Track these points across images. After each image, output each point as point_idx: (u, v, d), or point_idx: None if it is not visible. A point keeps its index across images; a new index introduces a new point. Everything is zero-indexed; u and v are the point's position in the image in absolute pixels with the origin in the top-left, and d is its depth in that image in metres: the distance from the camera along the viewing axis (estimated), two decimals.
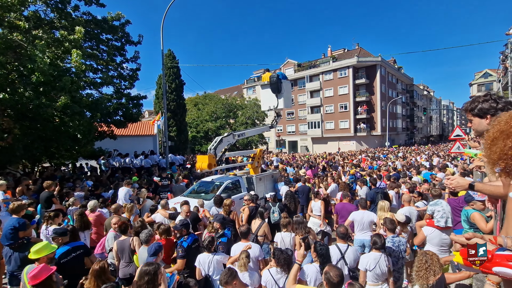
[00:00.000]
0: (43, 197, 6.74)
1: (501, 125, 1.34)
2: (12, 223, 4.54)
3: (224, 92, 60.17)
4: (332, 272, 2.74)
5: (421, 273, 2.93)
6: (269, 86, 9.13)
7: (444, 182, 2.49)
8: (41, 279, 2.81)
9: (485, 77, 49.24)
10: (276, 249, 3.52)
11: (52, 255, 3.52)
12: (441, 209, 4.66)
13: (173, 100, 26.28)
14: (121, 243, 4.48)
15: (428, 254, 3.05)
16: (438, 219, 4.60)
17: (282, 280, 3.34)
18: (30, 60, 7.66)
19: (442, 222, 4.54)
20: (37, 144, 8.69)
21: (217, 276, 3.92)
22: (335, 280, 2.69)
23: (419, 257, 3.07)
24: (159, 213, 6.02)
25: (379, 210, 5.48)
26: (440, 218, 4.58)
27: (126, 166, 13.63)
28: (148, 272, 2.87)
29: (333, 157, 22.06)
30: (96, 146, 12.99)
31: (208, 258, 4.02)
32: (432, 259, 2.97)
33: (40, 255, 3.37)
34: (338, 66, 42.25)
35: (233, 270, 3.10)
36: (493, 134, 1.36)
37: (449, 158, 17.74)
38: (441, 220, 4.56)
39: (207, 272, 4.00)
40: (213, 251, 4.10)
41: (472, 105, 2.06)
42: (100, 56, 12.20)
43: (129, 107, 13.05)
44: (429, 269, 2.92)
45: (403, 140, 52.48)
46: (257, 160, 9.59)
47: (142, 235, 4.24)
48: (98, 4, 11.56)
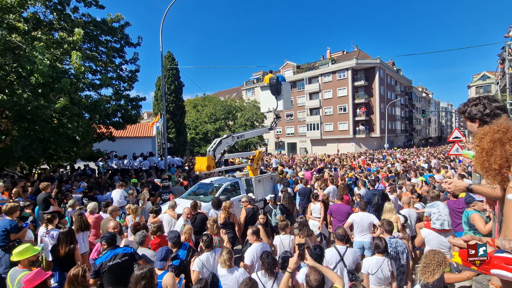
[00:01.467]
0: (40, 198, 6.71)
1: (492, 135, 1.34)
2: (4, 225, 4.51)
3: (223, 93, 60.23)
4: (311, 276, 2.75)
5: (430, 269, 2.94)
6: (268, 88, 9.16)
7: (442, 185, 2.50)
8: (35, 283, 2.75)
9: (483, 79, 49.42)
10: (264, 253, 3.53)
11: (34, 258, 3.46)
12: (437, 212, 4.64)
13: (172, 101, 26.28)
14: (129, 244, 4.45)
15: (440, 253, 3.06)
16: (433, 221, 4.60)
17: (269, 284, 3.33)
18: (29, 61, 7.65)
19: (438, 225, 4.53)
20: (35, 146, 8.65)
21: None
22: (313, 284, 2.71)
23: (430, 254, 3.07)
24: (167, 213, 6.03)
25: (385, 212, 5.44)
26: (436, 220, 4.57)
27: (124, 168, 13.61)
28: (144, 276, 2.83)
29: (332, 159, 22.06)
30: (94, 147, 12.96)
31: (212, 255, 4.05)
32: (444, 258, 2.99)
33: (22, 257, 3.34)
34: (337, 68, 42.40)
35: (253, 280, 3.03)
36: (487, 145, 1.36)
37: (448, 160, 17.77)
38: (437, 222, 4.55)
39: (213, 270, 4.00)
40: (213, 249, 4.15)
41: (463, 108, 2.08)
42: (99, 57, 12.20)
43: (128, 109, 13.03)
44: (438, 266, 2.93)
45: (402, 142, 52.60)
46: (256, 162, 9.58)
47: (136, 237, 4.23)
48: (97, 6, 11.57)
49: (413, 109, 59.61)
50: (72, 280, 2.94)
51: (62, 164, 13.49)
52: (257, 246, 4.21)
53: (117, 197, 7.68)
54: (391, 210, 5.37)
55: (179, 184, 10.21)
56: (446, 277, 2.98)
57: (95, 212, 5.87)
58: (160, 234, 4.68)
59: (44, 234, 4.99)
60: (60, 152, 11.00)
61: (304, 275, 3.40)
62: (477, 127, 2.04)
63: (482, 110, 1.94)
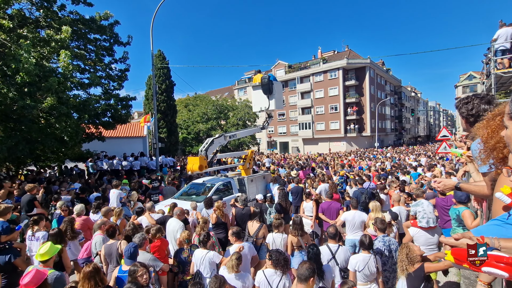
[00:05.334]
0: (24, 200, 6.56)
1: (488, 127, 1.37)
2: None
3: (215, 93, 59.94)
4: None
5: (403, 264, 3.23)
6: (260, 88, 9.16)
7: (431, 183, 2.56)
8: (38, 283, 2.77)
9: (470, 79, 50.64)
10: (273, 251, 3.51)
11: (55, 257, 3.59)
12: (422, 210, 4.76)
13: (163, 101, 26.00)
14: (108, 247, 4.39)
15: (408, 246, 3.33)
16: (419, 219, 4.72)
17: (276, 282, 3.33)
18: (14, 59, 7.42)
19: (424, 223, 4.65)
20: (21, 146, 8.41)
21: (207, 274, 3.96)
22: None
23: (400, 250, 3.37)
24: (145, 216, 5.90)
25: (372, 211, 5.51)
26: (422, 218, 4.69)
27: (115, 169, 13.40)
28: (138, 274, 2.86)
29: (324, 158, 22.24)
30: (84, 148, 12.70)
31: (201, 254, 4.04)
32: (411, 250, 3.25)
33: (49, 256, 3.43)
34: (328, 68, 42.77)
35: (220, 277, 3.05)
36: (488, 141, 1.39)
37: (437, 158, 18.16)
38: (423, 220, 4.67)
39: (198, 268, 4.03)
40: (208, 248, 4.14)
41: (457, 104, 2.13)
42: (87, 56, 11.95)
43: (118, 108, 12.81)
44: (409, 259, 3.21)
45: (392, 140, 53.46)
46: (248, 161, 9.57)
47: (135, 239, 4.18)
48: (85, 3, 11.30)
49: (403, 108, 60.66)
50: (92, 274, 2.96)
51: (50, 165, 13.18)
52: (235, 247, 4.22)
53: (114, 198, 7.53)
54: (377, 208, 5.45)
55: (171, 184, 10.11)
56: (426, 266, 3.16)
57: (82, 215, 5.74)
58: (160, 236, 4.58)
59: (30, 236, 4.86)
60: (48, 152, 10.74)
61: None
62: (464, 124, 2.08)
63: (469, 109, 1.98)
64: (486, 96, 2.03)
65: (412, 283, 3.11)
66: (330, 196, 6.58)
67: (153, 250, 4.37)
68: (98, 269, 3.08)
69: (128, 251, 3.64)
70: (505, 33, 8.06)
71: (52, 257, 3.46)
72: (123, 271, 3.58)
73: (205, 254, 4.02)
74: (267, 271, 3.40)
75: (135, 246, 3.74)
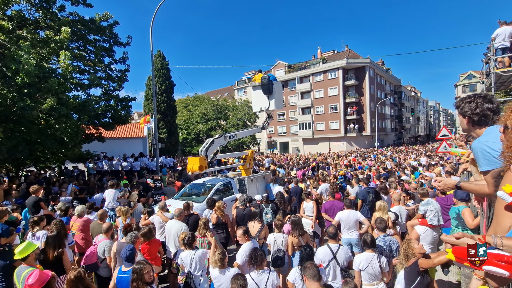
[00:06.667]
0: (30, 202, 6.52)
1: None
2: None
3: (214, 93, 59.96)
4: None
5: (400, 258, 3.45)
6: (260, 88, 9.17)
7: (432, 182, 2.56)
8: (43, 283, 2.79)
9: (469, 79, 50.72)
10: (251, 251, 3.58)
11: (38, 251, 3.58)
12: (434, 209, 4.87)
13: (163, 101, 26.02)
14: (121, 245, 4.34)
15: (408, 242, 3.47)
16: (431, 218, 4.79)
17: (263, 282, 3.36)
18: (14, 61, 7.42)
19: (435, 221, 4.78)
20: (21, 148, 8.41)
21: (199, 272, 4.02)
22: None
23: (401, 245, 3.55)
24: (158, 216, 5.88)
25: (378, 210, 5.49)
26: (433, 217, 4.80)
27: (115, 169, 13.40)
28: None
29: (325, 158, 22.24)
30: (84, 149, 12.70)
31: (190, 255, 4.07)
32: (410, 246, 3.39)
33: (26, 253, 3.39)
34: (328, 68, 42.76)
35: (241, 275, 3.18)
36: None
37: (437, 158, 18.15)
38: (434, 219, 4.79)
39: (189, 269, 4.05)
40: (194, 248, 4.18)
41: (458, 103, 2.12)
42: (87, 57, 11.94)
43: (118, 109, 12.80)
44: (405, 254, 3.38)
45: (392, 140, 53.46)
46: (248, 161, 9.57)
47: (127, 238, 4.19)
48: (85, 4, 11.30)
49: (403, 108, 60.65)
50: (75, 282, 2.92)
51: (50, 166, 13.18)
52: (248, 245, 4.21)
53: (110, 198, 7.52)
54: (384, 208, 5.43)
55: (172, 185, 10.10)
56: (420, 262, 3.23)
57: (83, 215, 5.73)
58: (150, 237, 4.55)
59: (30, 237, 4.86)
60: (48, 153, 10.73)
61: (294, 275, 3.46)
62: (466, 124, 2.08)
63: (473, 109, 1.97)
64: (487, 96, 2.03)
65: (409, 277, 3.26)
66: (332, 195, 6.56)
67: (142, 251, 4.40)
68: (81, 277, 3.00)
69: (124, 254, 3.66)
70: (504, 31, 8.07)
71: (30, 254, 3.43)
72: (122, 271, 3.58)
73: (194, 253, 4.07)
74: (253, 273, 3.47)
75: (132, 249, 3.75)
